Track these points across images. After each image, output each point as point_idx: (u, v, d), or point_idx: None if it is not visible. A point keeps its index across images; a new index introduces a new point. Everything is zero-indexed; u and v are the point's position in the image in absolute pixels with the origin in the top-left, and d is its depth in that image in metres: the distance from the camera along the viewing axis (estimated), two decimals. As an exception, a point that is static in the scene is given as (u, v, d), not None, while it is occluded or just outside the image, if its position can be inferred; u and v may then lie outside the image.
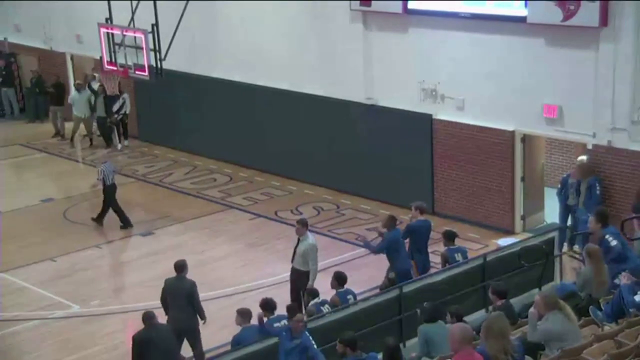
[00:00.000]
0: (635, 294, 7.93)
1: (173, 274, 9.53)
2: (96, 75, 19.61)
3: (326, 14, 15.03)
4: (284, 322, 8.46)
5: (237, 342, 8.36)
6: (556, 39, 12.15)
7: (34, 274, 12.52)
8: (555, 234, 10.69)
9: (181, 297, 9.37)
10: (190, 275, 9.96)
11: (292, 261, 10.45)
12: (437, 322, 7.79)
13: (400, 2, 13.61)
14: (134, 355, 8.54)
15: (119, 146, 18.55)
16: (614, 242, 8.89)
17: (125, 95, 18.46)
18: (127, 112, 18.57)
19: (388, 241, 10.40)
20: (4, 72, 21.69)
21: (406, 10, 13.67)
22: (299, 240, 10.36)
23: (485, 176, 13.43)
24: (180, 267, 9.45)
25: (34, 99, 21.00)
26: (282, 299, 10.56)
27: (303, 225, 10.37)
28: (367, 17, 14.45)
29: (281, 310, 8.75)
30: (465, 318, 7.97)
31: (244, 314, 8.61)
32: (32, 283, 12.17)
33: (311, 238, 10.39)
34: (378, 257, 12.79)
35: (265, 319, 8.59)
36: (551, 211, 13.28)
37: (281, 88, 15.99)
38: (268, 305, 8.67)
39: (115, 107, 18.30)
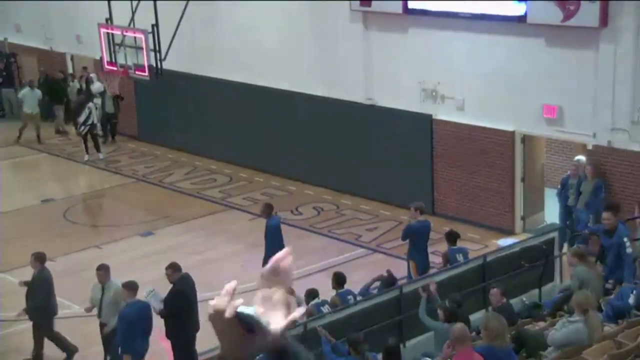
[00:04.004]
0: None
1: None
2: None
3: (326, 14, 15.03)
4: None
5: (123, 317, 8.73)
6: (556, 39, 12.15)
7: (34, 274, 12.49)
8: (555, 234, 10.68)
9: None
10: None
11: (99, 316, 9.42)
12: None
13: (400, 2, 13.61)
14: (168, 303, 9.01)
15: (86, 157, 17.65)
16: (629, 250, 8.70)
17: (91, 105, 17.68)
18: (95, 122, 17.82)
19: (273, 229, 10.77)
20: (4, 73, 21.70)
21: (406, 11, 13.67)
22: (103, 289, 9.24)
23: (485, 176, 13.42)
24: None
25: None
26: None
27: (106, 271, 9.31)
28: (367, 17, 14.44)
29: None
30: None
31: (130, 288, 8.81)
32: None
33: (118, 282, 9.34)
34: (378, 257, 12.81)
35: None
36: (551, 212, 13.28)
37: (281, 88, 15.99)
38: None
39: (82, 119, 17.47)
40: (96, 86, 18.97)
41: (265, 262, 9.96)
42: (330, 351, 7.83)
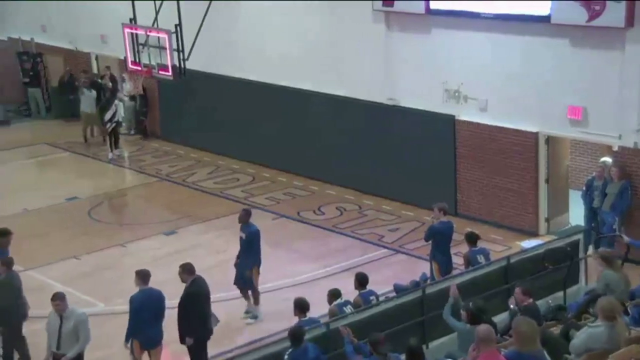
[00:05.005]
0: None
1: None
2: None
3: (348, 15, 15.03)
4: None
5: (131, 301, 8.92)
6: (581, 40, 12.05)
7: (58, 272, 12.64)
8: (580, 236, 10.59)
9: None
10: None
11: (57, 348, 8.64)
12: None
13: (423, 3, 13.58)
14: (186, 305, 9.03)
15: (110, 155, 18.10)
16: None
17: (117, 102, 18.27)
18: (121, 120, 18.40)
19: (253, 236, 10.68)
20: (30, 73, 22.01)
21: (428, 11, 13.64)
22: (61, 318, 8.56)
23: (508, 178, 13.35)
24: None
25: (66, 97, 21.30)
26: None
27: (62, 300, 8.64)
28: (390, 18, 14.43)
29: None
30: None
31: (143, 276, 8.96)
32: (57, 281, 12.27)
33: (79, 309, 8.95)
34: (401, 258, 12.79)
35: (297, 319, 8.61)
36: (576, 213, 13.18)
37: (303, 88, 16.03)
38: (301, 306, 8.66)
39: (108, 116, 17.99)
40: (128, 87, 19.30)
41: (242, 270, 9.82)
42: (352, 351, 7.83)
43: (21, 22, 22.34)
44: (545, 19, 12.19)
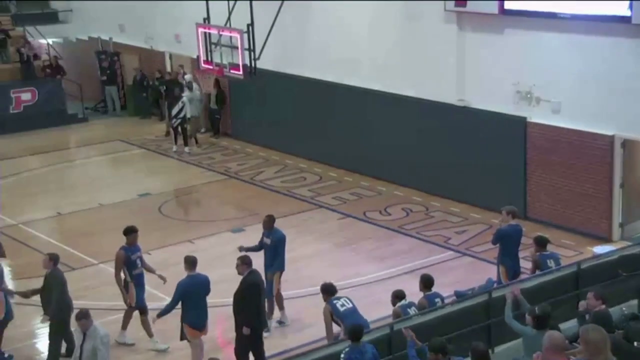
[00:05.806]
0: None
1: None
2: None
3: (420, 15, 14.91)
4: (344, 299, 8.77)
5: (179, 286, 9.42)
6: (662, 40, 11.64)
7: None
8: (656, 243, 10.21)
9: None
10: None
11: None
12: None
13: (497, 3, 13.36)
14: (244, 296, 9.30)
15: (174, 147, 18.58)
16: None
17: (185, 99, 18.62)
18: (188, 116, 18.71)
19: (279, 242, 10.59)
20: (108, 71, 22.69)
21: (502, 11, 13.41)
22: (84, 336, 8.48)
23: (581, 181, 13.00)
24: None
25: (139, 95, 21.90)
26: (369, 300, 10.57)
27: (87, 319, 8.57)
28: (462, 18, 14.25)
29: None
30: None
31: (191, 262, 9.47)
32: (129, 274, 12.57)
33: (100, 326, 8.80)
34: (467, 260, 12.62)
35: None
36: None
37: (373, 89, 15.99)
38: (328, 289, 8.82)
39: (175, 111, 18.46)
40: (194, 87, 19.68)
41: (266, 276, 9.27)
42: (415, 355, 7.76)
43: (100, 21, 23.05)
44: (626, 20, 11.81)
